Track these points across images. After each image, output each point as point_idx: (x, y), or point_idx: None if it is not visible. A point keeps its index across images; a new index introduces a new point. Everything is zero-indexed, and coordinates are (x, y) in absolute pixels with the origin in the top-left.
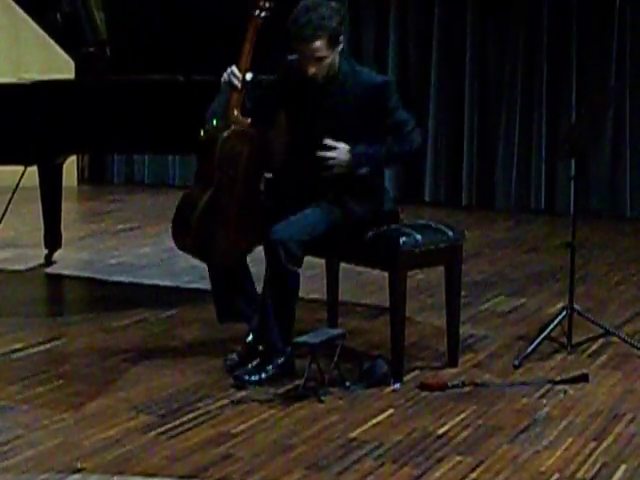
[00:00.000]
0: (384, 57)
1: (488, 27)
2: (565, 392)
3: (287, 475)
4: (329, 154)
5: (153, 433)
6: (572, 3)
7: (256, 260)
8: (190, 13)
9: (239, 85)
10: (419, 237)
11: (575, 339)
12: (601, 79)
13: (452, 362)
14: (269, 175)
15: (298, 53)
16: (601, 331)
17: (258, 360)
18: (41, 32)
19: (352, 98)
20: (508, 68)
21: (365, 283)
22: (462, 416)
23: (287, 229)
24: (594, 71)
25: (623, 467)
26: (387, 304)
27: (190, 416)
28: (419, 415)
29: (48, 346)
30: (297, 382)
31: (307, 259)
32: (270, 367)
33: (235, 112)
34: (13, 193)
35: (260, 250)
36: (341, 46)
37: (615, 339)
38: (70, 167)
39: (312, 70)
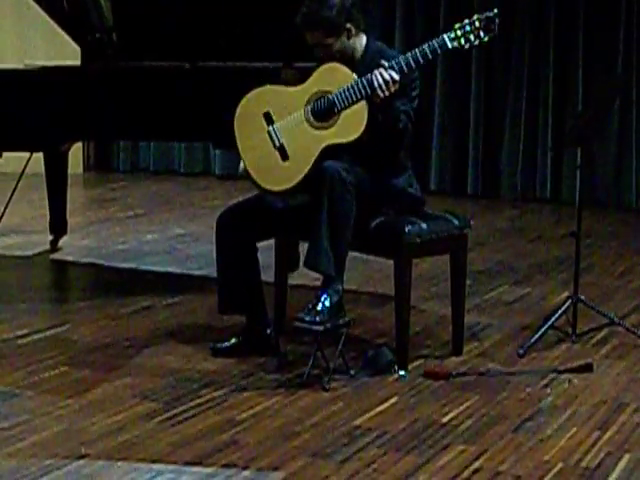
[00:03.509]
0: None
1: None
2: (569, 381)
3: (291, 462)
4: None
5: (158, 419)
6: None
7: (261, 249)
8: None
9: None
10: (424, 225)
11: (580, 328)
12: (608, 68)
13: (457, 351)
14: None
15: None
16: (606, 321)
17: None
18: (47, 19)
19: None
20: (514, 57)
21: (370, 271)
22: (466, 405)
23: (339, 163)
24: (601, 60)
25: (627, 456)
26: (392, 292)
27: (195, 403)
28: (423, 403)
29: (53, 332)
30: (302, 370)
31: None
32: (326, 296)
33: None
34: (19, 180)
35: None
36: (350, 32)
37: (620, 329)
38: (76, 154)
39: (320, 55)
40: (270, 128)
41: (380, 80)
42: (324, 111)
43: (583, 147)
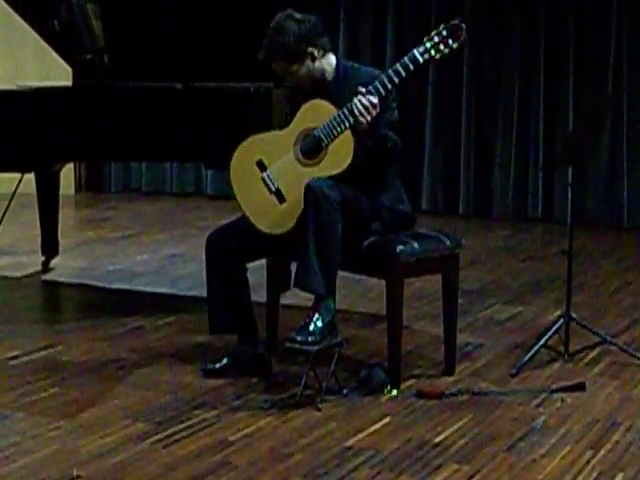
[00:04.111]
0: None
1: (485, 35)
2: (562, 400)
3: None
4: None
5: (150, 441)
6: (569, 11)
7: (253, 269)
8: (188, 20)
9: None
10: (416, 245)
11: (572, 347)
12: (598, 87)
13: (449, 370)
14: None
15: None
16: (598, 339)
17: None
18: (39, 39)
19: (354, 92)
20: (505, 76)
21: (363, 291)
22: (459, 424)
23: (323, 181)
24: (591, 79)
25: (620, 475)
26: (384, 312)
27: (187, 424)
28: (416, 423)
29: (44, 353)
30: (294, 390)
31: None
32: (318, 316)
33: None
34: (10, 200)
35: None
36: (314, 56)
37: (612, 347)
38: (67, 175)
39: (290, 82)
40: (264, 174)
41: (360, 107)
42: (312, 148)
43: (574, 166)
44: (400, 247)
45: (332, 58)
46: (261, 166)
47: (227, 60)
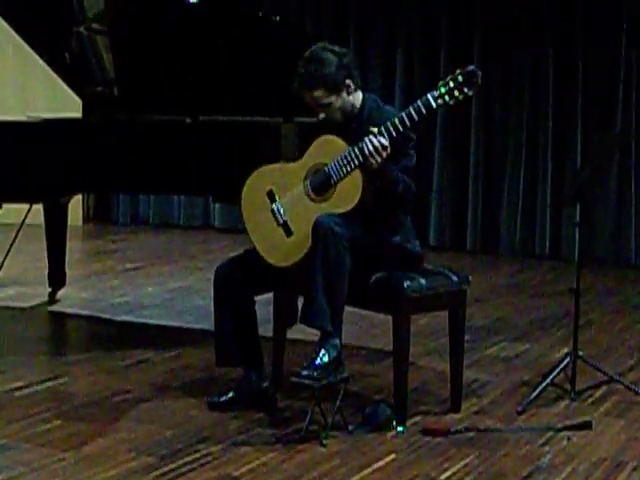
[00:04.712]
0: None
1: (493, 73)
2: (568, 439)
3: None
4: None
5: (154, 474)
6: (577, 50)
7: (260, 303)
8: (197, 54)
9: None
10: (423, 281)
11: (579, 386)
12: (607, 126)
13: (455, 407)
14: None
15: (306, 100)
16: (605, 378)
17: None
18: (49, 71)
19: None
20: (514, 113)
21: (369, 326)
22: (465, 462)
23: (332, 217)
24: (600, 117)
25: None
26: (391, 348)
27: (191, 458)
28: (421, 460)
29: (50, 385)
30: (299, 425)
31: None
32: (324, 352)
33: None
34: (18, 231)
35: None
36: (350, 88)
37: (619, 386)
38: (75, 206)
39: (321, 115)
40: (273, 206)
41: (371, 147)
42: (322, 184)
43: (582, 204)
44: (407, 283)
45: (360, 93)
46: (271, 196)
47: (237, 94)
